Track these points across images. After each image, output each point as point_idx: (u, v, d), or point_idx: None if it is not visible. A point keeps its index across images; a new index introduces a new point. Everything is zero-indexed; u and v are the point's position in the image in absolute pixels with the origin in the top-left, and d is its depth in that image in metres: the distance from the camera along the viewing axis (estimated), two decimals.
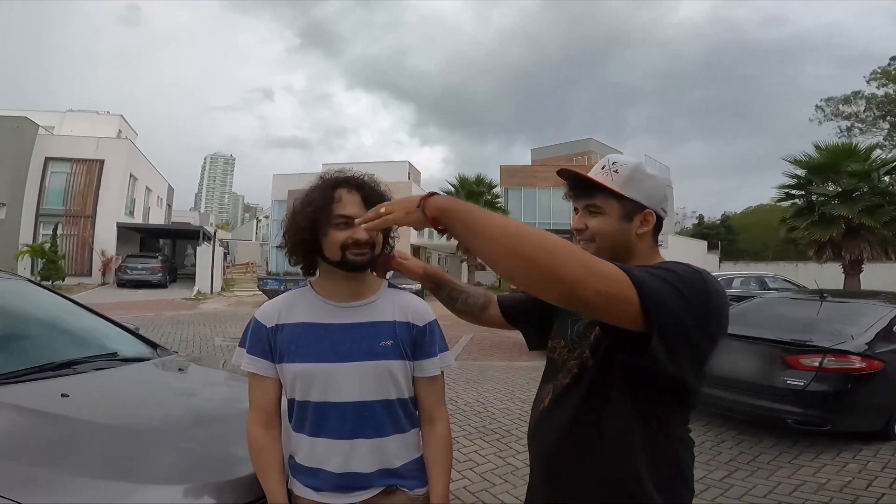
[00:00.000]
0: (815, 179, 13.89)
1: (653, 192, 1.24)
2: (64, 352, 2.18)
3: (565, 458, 1.21)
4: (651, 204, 1.24)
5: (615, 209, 1.23)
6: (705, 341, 1.08)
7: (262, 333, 1.32)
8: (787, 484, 3.77)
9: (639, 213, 1.23)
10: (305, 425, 1.28)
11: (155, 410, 1.79)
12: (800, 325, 4.93)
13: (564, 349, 1.29)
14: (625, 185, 1.22)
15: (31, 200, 22.89)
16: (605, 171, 1.24)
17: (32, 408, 1.59)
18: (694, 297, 1.03)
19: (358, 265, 1.30)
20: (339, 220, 1.27)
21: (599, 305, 0.93)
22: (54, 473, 1.26)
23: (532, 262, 0.91)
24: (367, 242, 1.28)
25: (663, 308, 0.97)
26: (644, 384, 1.10)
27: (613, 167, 1.24)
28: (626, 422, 1.13)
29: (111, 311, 3.25)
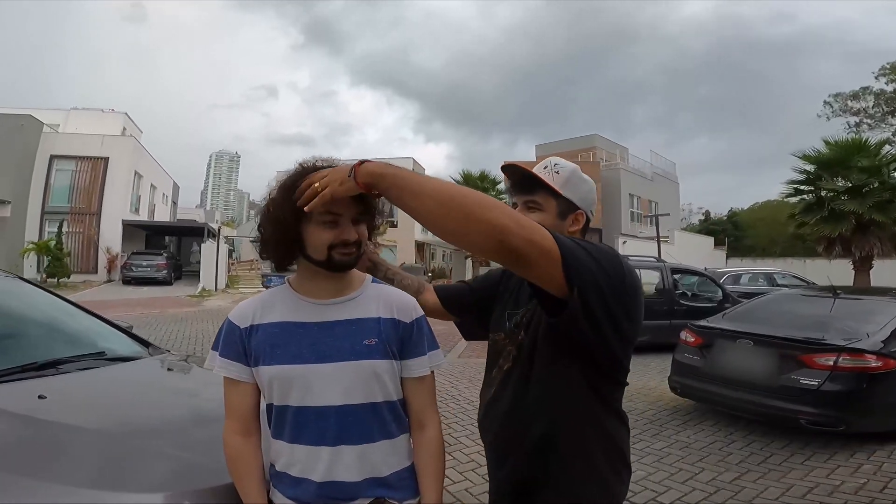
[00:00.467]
0: (824, 175, 13.73)
1: (586, 196, 1.39)
2: (50, 351, 2.10)
3: (510, 437, 1.30)
4: (584, 206, 1.39)
5: (553, 207, 1.35)
6: (622, 315, 1.19)
7: (236, 335, 1.22)
8: (800, 486, 3.68)
9: (572, 212, 1.37)
10: (285, 432, 1.19)
11: (137, 412, 1.71)
12: (813, 322, 4.83)
13: (503, 338, 1.40)
14: (564, 185, 1.36)
15: (37, 198, 22.97)
16: (548, 171, 1.36)
17: (5, 410, 1.51)
18: (610, 269, 1.16)
19: (344, 265, 1.21)
20: (326, 217, 1.17)
21: (527, 254, 1.03)
22: (21, 479, 1.18)
23: (467, 214, 1.00)
24: (355, 242, 1.19)
25: (581, 266, 1.10)
26: (578, 357, 1.21)
27: (555, 168, 1.37)
28: (564, 396, 1.24)
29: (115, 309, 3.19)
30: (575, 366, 1.22)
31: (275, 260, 1.25)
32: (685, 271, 10.76)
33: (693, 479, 3.79)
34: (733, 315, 5.69)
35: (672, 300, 9.31)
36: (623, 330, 1.20)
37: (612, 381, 1.28)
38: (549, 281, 1.09)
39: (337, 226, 1.17)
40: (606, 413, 1.27)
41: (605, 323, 1.15)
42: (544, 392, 1.25)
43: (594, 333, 1.15)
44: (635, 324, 1.24)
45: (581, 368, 1.22)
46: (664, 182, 35.59)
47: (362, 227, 1.23)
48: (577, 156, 31.16)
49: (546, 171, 1.36)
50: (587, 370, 1.22)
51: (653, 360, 8.25)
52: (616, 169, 31.85)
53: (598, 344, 1.18)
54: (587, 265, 1.11)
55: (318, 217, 1.16)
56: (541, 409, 1.25)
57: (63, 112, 31.11)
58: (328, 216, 1.16)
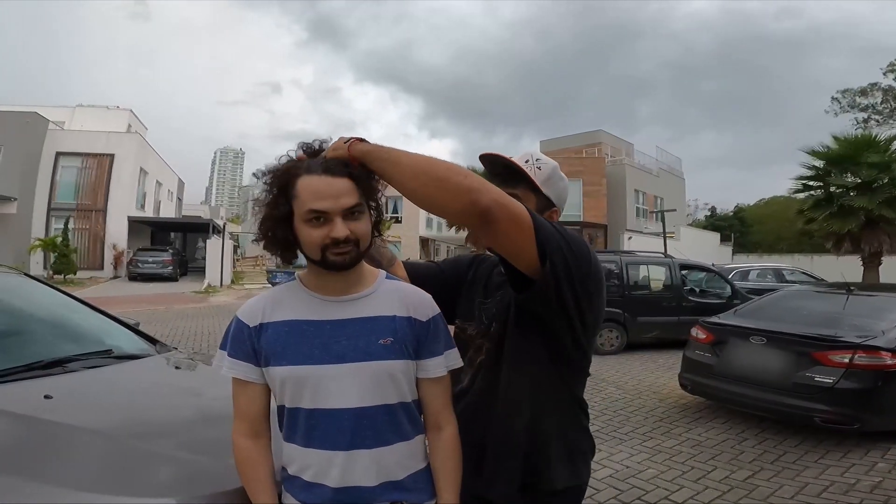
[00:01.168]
0: (833, 171, 13.63)
1: (562, 194, 1.40)
2: (55, 349, 2.06)
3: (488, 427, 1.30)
4: (559, 204, 1.40)
5: (532, 202, 1.32)
6: (586, 302, 1.21)
7: (245, 333, 1.16)
8: (814, 485, 3.64)
9: (549, 209, 1.37)
10: (297, 434, 1.14)
11: (145, 413, 1.67)
12: (826, 319, 4.78)
13: (473, 329, 1.40)
14: (545, 182, 1.35)
15: (43, 195, 23.04)
16: (529, 165, 1.35)
17: (10, 411, 1.47)
18: (578, 252, 1.18)
19: (340, 266, 1.12)
20: (311, 216, 1.08)
21: (497, 216, 1.05)
22: (27, 483, 1.14)
23: (440, 178, 1.05)
24: (348, 240, 1.09)
25: (553, 241, 1.12)
26: (546, 345, 1.25)
27: (537, 163, 1.36)
28: (537, 384, 1.27)
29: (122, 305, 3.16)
30: (542, 352, 1.26)
31: (277, 255, 1.20)
32: (693, 267, 10.67)
33: (705, 478, 3.75)
34: (745, 311, 5.62)
35: (680, 296, 9.23)
36: (586, 318, 1.24)
37: (579, 369, 1.34)
38: (520, 251, 1.12)
39: (324, 223, 1.09)
40: (575, 400, 1.34)
41: (571, 304, 1.18)
42: (518, 381, 1.28)
43: (561, 313, 1.19)
44: (597, 313, 1.29)
45: (549, 354, 1.27)
46: (670, 178, 35.43)
47: (358, 223, 1.11)
48: (583, 151, 31.07)
49: (528, 164, 1.35)
50: (556, 358, 1.27)
51: (661, 356, 8.21)
52: (621, 165, 31.71)
53: (565, 329, 1.22)
54: (558, 242, 1.14)
55: (303, 215, 1.09)
56: (517, 398, 1.28)
57: (69, 109, 31.17)
58: (312, 214, 1.08)
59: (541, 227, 1.12)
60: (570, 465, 1.30)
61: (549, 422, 1.29)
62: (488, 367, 1.34)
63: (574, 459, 1.31)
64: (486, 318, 1.38)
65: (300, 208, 1.10)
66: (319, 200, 1.07)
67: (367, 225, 1.15)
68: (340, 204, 1.08)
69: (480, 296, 1.44)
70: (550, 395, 1.29)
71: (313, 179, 1.09)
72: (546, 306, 1.18)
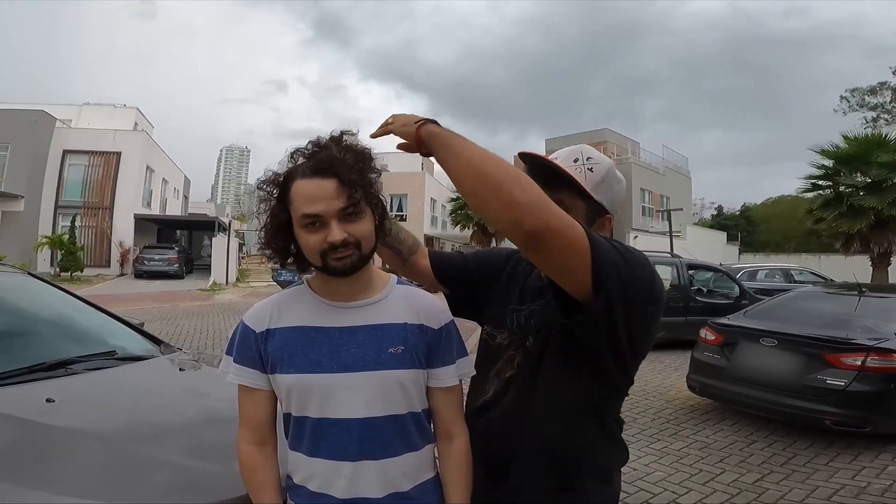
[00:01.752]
0: (843, 170, 13.51)
1: (616, 198, 1.22)
2: (59, 351, 2.05)
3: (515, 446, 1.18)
4: (612, 210, 1.22)
5: (580, 209, 1.15)
6: (641, 327, 1.09)
7: (251, 339, 1.13)
8: (825, 488, 3.60)
9: (601, 217, 1.19)
10: (303, 444, 1.11)
11: (149, 417, 1.65)
12: (838, 321, 4.73)
13: (505, 339, 1.25)
14: (597, 186, 1.16)
15: (50, 193, 23.16)
16: (579, 167, 1.15)
17: (11, 415, 1.45)
18: (640, 274, 1.05)
19: (341, 271, 1.07)
20: (306, 220, 1.04)
21: (546, 241, 0.93)
22: (25, 491, 1.12)
23: (496, 187, 0.93)
24: (346, 243, 1.04)
25: (611, 267, 0.99)
26: (588, 368, 1.11)
27: (588, 163, 1.17)
28: (573, 406, 1.15)
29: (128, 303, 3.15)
30: (585, 376, 1.13)
31: (287, 265, 1.16)
32: (701, 267, 10.60)
33: (714, 481, 3.71)
34: (755, 313, 5.56)
35: (687, 297, 9.17)
36: (638, 342, 1.11)
37: (619, 392, 1.23)
38: (570, 276, 0.99)
39: (320, 228, 1.04)
40: (611, 421, 1.23)
41: (622, 331, 1.05)
42: (553, 402, 1.16)
43: (610, 342, 1.06)
44: (651, 337, 1.16)
45: (591, 379, 1.13)
46: (676, 176, 35.27)
47: (357, 224, 1.06)
48: None
49: (577, 165, 1.15)
50: (596, 381, 1.14)
51: (668, 357, 8.15)
52: (627, 163, 31.55)
53: (610, 354, 1.09)
54: (616, 269, 1.00)
55: (299, 220, 1.05)
56: (549, 419, 1.16)
57: (76, 107, 31.32)
58: (307, 219, 1.04)
59: (598, 251, 0.97)
60: (607, 482, 1.21)
61: (586, 441, 1.18)
62: (521, 384, 1.20)
63: (611, 476, 1.23)
64: (521, 328, 1.23)
65: (296, 214, 1.06)
66: (311, 204, 1.03)
67: (369, 225, 1.09)
68: (334, 206, 1.02)
69: (515, 301, 1.28)
70: (588, 416, 1.18)
71: (305, 183, 1.04)
72: (593, 333, 1.05)
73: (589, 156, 1.18)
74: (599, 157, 1.19)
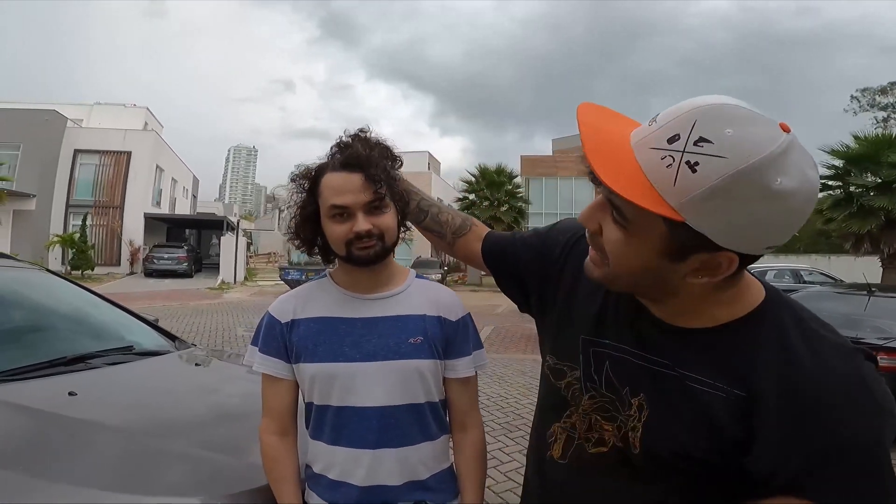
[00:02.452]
0: (853, 170, 13.45)
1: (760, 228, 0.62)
2: (78, 345, 2.09)
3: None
4: (741, 244, 0.64)
5: (656, 234, 0.66)
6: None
7: (276, 330, 1.17)
8: None
9: (701, 252, 0.66)
10: (324, 432, 1.14)
11: (168, 411, 1.68)
12: (847, 320, 4.70)
13: (577, 388, 0.88)
14: (698, 202, 0.60)
15: (62, 192, 23.39)
16: (673, 155, 0.61)
17: (36, 408, 1.49)
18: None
19: (364, 261, 1.11)
20: (334, 212, 1.09)
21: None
22: (52, 484, 1.15)
23: None
24: (370, 233, 1.09)
25: None
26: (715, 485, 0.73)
27: (695, 150, 0.60)
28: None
29: (138, 301, 3.20)
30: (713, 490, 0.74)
31: (313, 255, 1.21)
32: None
33: None
34: None
35: None
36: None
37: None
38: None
39: (347, 219, 1.09)
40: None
41: None
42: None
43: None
44: None
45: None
46: None
47: (382, 216, 1.11)
48: None
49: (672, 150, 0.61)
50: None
51: None
52: None
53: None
54: None
55: (327, 211, 1.10)
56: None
57: (86, 107, 31.60)
58: (335, 209, 1.09)
59: None
60: None
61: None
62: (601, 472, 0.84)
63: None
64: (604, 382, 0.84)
65: (324, 205, 1.11)
66: (340, 196, 1.08)
67: (392, 219, 1.14)
68: (361, 199, 1.08)
69: (586, 329, 0.88)
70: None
71: (334, 176, 1.10)
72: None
73: (705, 136, 0.60)
74: (736, 143, 0.59)
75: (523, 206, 24.98)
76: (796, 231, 0.64)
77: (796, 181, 0.59)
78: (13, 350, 1.95)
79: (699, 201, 0.60)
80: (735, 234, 0.62)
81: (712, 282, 0.69)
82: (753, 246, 0.64)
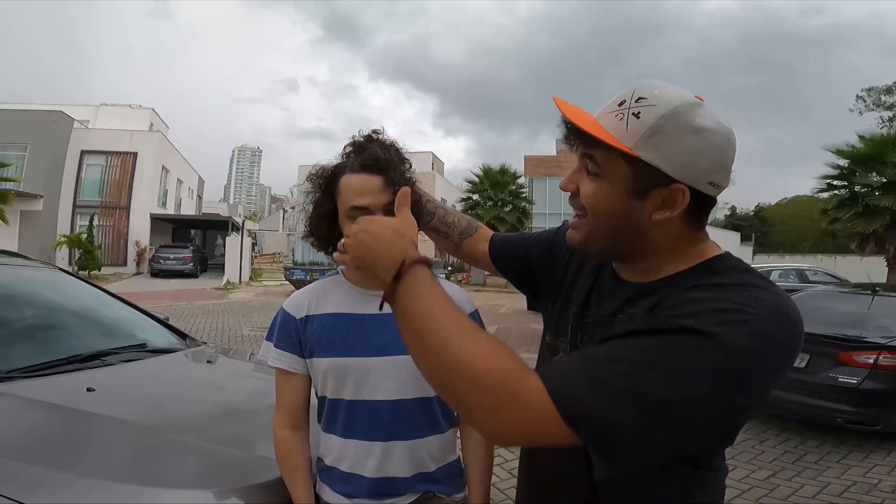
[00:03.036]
0: (858, 170, 13.39)
1: (694, 157, 0.77)
2: (93, 343, 2.14)
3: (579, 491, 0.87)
4: (685, 175, 0.77)
5: (620, 174, 0.79)
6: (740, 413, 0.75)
7: (291, 325, 1.21)
8: (836, 484, 3.62)
9: (659, 187, 0.78)
10: (337, 426, 1.18)
11: (181, 407, 1.73)
12: (851, 320, 4.73)
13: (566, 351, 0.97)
14: (645, 139, 0.76)
15: (68, 192, 23.53)
16: (622, 112, 0.78)
17: (56, 403, 1.54)
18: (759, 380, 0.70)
19: None
20: (355, 213, 1.11)
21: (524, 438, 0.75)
22: (74, 477, 1.19)
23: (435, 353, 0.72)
24: None
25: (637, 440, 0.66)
26: None
27: (636, 105, 0.78)
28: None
29: (145, 301, 3.25)
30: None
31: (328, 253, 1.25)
32: None
33: None
34: None
35: None
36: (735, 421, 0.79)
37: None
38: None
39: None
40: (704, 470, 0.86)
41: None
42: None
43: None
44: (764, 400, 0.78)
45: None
46: None
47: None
48: None
49: (620, 110, 0.79)
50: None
51: None
52: None
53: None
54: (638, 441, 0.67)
55: (346, 212, 1.13)
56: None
57: (93, 108, 31.75)
58: (355, 210, 1.11)
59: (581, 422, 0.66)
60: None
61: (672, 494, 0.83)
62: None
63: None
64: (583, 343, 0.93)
65: (343, 205, 1.14)
66: (361, 197, 1.11)
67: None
68: (381, 200, 1.11)
69: (578, 303, 0.97)
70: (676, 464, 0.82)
71: (354, 178, 1.13)
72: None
73: (642, 95, 0.78)
74: (661, 96, 0.78)
75: (527, 207, 25.00)
76: (731, 171, 0.81)
77: (712, 122, 0.77)
78: (32, 347, 2.01)
79: (646, 138, 0.77)
80: (678, 164, 0.77)
81: (671, 216, 0.80)
82: (697, 179, 0.78)
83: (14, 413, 1.49)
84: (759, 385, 0.71)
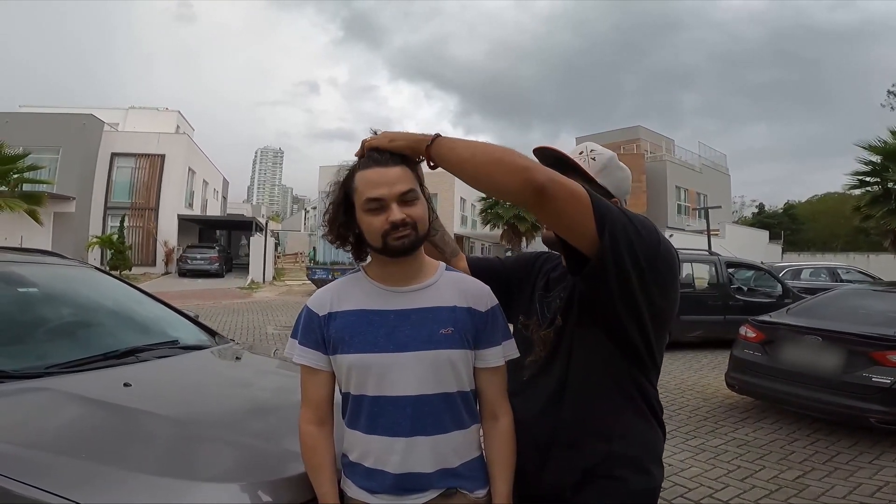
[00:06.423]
0: (891, 166, 12.96)
1: (621, 184, 1.38)
2: (128, 339, 2.20)
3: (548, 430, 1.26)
4: (618, 194, 1.36)
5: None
6: (655, 285, 1.17)
7: (315, 322, 1.23)
8: (868, 485, 3.54)
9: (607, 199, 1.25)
10: (360, 422, 1.19)
11: (213, 401, 1.77)
12: (885, 318, 4.60)
13: (537, 325, 1.37)
14: (599, 172, 1.34)
15: (100, 194, 24.18)
16: (583, 157, 1.35)
17: (96, 398, 1.58)
18: (643, 231, 1.15)
19: (400, 250, 1.17)
20: (370, 205, 1.15)
21: (553, 192, 1.06)
22: (115, 470, 1.22)
23: (498, 160, 1.09)
24: (405, 223, 1.15)
25: (613, 215, 1.11)
26: (612, 335, 1.21)
27: (591, 154, 1.35)
28: (605, 383, 1.24)
29: (174, 300, 3.32)
30: (610, 346, 1.22)
31: (348, 250, 1.28)
32: (741, 265, 10.36)
33: (752, 477, 3.68)
34: (798, 310, 5.45)
35: (726, 295, 8.98)
36: (657, 305, 1.19)
37: (647, 364, 1.26)
38: (577, 226, 1.10)
39: (381, 210, 1.15)
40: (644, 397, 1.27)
41: (636, 286, 1.14)
42: (585, 379, 1.25)
43: (624, 296, 1.14)
44: (670, 303, 1.23)
45: (617, 350, 1.22)
46: (713, 174, 34.40)
47: (414, 207, 1.17)
48: (620, 147, 30.41)
49: (581, 156, 1.35)
50: (625, 355, 1.23)
51: (705, 356, 8.03)
52: (662, 161, 30.97)
53: (630, 317, 1.18)
54: (618, 216, 1.12)
55: (362, 205, 1.17)
56: (584, 397, 1.24)
57: (122, 111, 32.47)
58: (370, 203, 1.15)
59: (599, 201, 1.11)
60: (643, 467, 1.24)
61: (619, 420, 1.24)
62: (551, 360, 1.29)
63: (646, 460, 1.25)
64: (549, 311, 1.34)
65: (359, 200, 1.18)
66: (374, 189, 1.15)
67: (424, 209, 1.20)
68: (395, 190, 1.15)
69: (541, 289, 1.42)
70: (618, 391, 1.24)
71: (367, 172, 1.17)
72: (606, 286, 1.14)
73: (592, 149, 1.37)
74: (602, 150, 1.38)
75: None
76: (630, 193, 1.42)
77: (625, 166, 1.41)
78: (70, 343, 2.08)
79: (599, 170, 1.35)
80: (615, 186, 1.36)
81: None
82: (622, 195, 1.38)
83: (54, 407, 1.54)
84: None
